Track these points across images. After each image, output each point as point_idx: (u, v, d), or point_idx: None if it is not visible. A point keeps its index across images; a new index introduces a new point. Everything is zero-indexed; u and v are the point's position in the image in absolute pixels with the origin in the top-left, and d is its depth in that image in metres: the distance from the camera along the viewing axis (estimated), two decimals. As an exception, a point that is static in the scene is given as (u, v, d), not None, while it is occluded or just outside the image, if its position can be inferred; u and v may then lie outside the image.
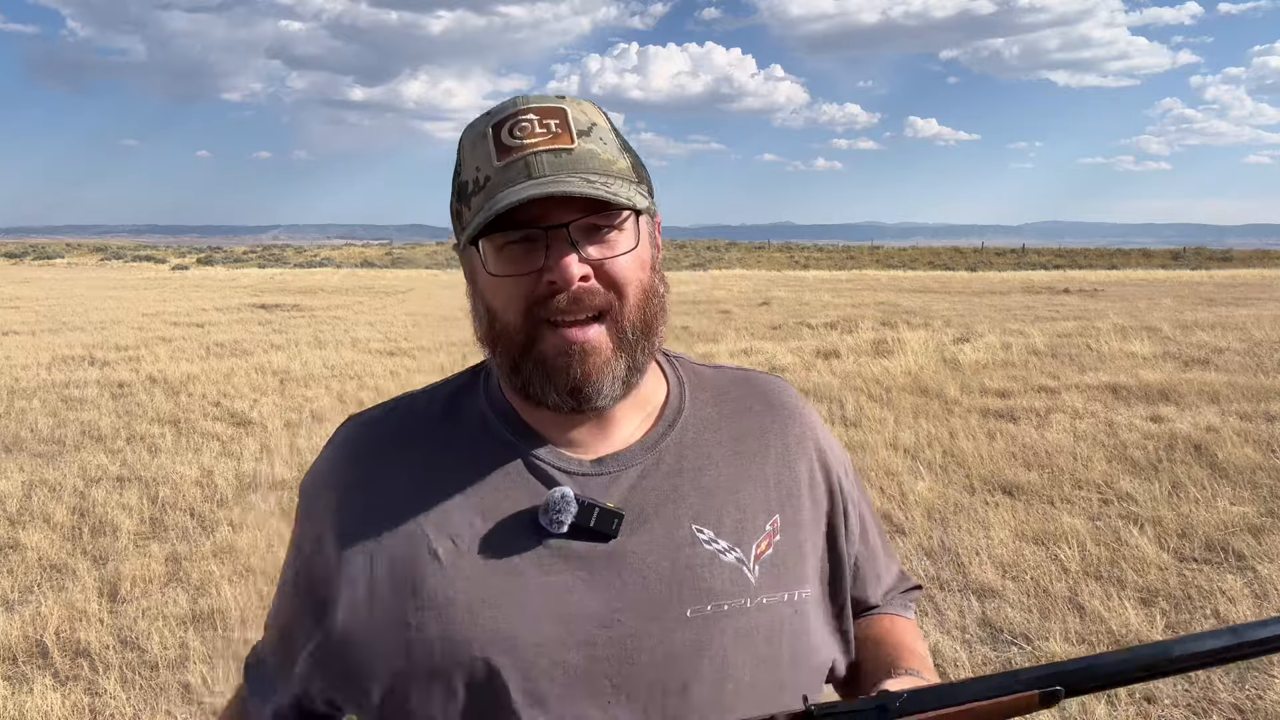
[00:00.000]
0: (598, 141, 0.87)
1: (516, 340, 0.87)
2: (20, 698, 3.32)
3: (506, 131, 0.86)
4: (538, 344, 0.86)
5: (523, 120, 0.86)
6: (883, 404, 8.05)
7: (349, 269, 43.61)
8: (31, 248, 68.06)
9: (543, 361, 0.86)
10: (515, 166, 0.84)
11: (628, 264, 0.87)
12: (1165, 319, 14.68)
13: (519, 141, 0.85)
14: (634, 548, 0.88)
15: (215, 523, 5.12)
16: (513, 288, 0.86)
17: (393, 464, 0.93)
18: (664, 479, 0.92)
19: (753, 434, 0.98)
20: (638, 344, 0.89)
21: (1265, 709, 3.13)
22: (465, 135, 0.90)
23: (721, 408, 0.99)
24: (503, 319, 0.87)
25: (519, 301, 0.86)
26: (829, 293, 23.77)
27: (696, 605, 0.87)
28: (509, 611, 0.85)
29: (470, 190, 0.86)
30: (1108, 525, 4.91)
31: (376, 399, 8.56)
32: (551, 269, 0.84)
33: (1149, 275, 34.60)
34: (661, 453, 0.93)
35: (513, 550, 0.87)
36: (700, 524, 0.90)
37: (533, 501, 0.88)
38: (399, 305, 20.64)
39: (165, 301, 21.23)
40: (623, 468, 0.91)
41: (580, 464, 0.91)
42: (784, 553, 0.93)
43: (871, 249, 65.68)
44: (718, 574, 0.89)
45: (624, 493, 0.90)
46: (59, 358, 11.15)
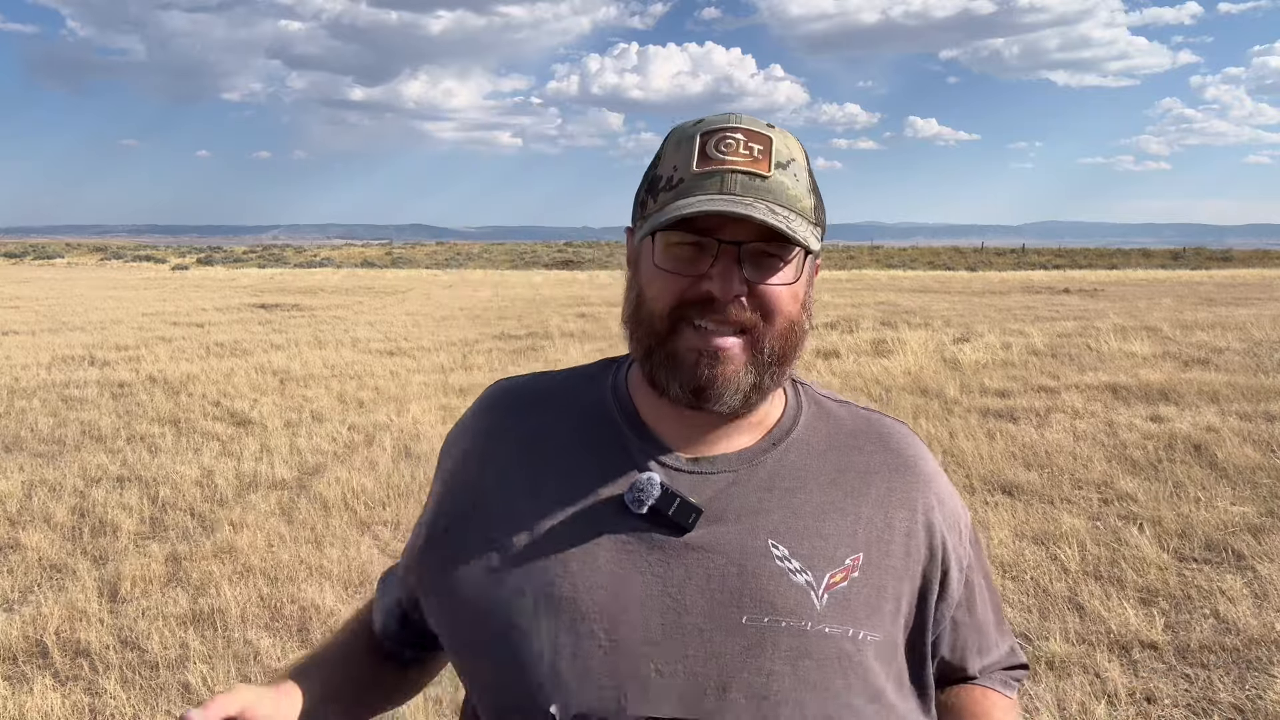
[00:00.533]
0: (791, 177, 0.91)
1: (656, 329, 0.92)
2: (20, 698, 3.32)
3: (713, 144, 0.91)
4: (674, 339, 0.91)
5: (729, 137, 0.91)
6: (883, 404, 8.05)
7: (349, 269, 43.59)
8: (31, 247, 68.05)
9: (674, 355, 0.91)
10: (712, 178, 0.89)
11: (782, 295, 0.92)
12: (1165, 319, 14.68)
13: (721, 156, 0.90)
14: (707, 545, 0.91)
15: (215, 523, 5.11)
16: (671, 283, 0.91)
17: (517, 424, 1.02)
18: (753, 491, 0.95)
19: (856, 471, 0.99)
20: (769, 369, 0.93)
21: (1265, 709, 3.13)
22: (672, 133, 0.96)
23: (833, 439, 1.01)
24: (651, 306, 0.93)
25: (671, 296, 0.91)
26: (829, 293, 23.76)
27: (754, 614, 0.89)
28: (577, 576, 0.91)
29: (662, 185, 0.92)
30: (1107, 525, 4.91)
31: (376, 399, 8.58)
32: (713, 278, 0.89)
33: (1149, 275, 34.59)
34: (757, 467, 0.96)
35: (594, 522, 0.93)
36: (776, 540, 0.92)
37: (625, 483, 0.94)
38: (399, 305, 20.63)
39: (165, 301, 21.23)
40: (716, 471, 0.95)
41: (677, 459, 0.96)
42: (860, 590, 0.93)
43: (871, 249, 65.65)
44: (783, 591, 0.90)
45: (711, 494, 0.94)
46: (59, 357, 11.15)
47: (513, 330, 14.71)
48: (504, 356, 11.51)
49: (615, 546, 0.92)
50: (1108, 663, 3.45)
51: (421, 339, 13.53)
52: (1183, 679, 3.38)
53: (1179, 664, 3.49)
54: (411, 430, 7.21)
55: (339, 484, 5.70)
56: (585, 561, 0.91)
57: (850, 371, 9.63)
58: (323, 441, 6.91)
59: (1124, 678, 3.36)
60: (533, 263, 48.90)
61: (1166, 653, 3.56)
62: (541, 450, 0.99)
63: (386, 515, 5.25)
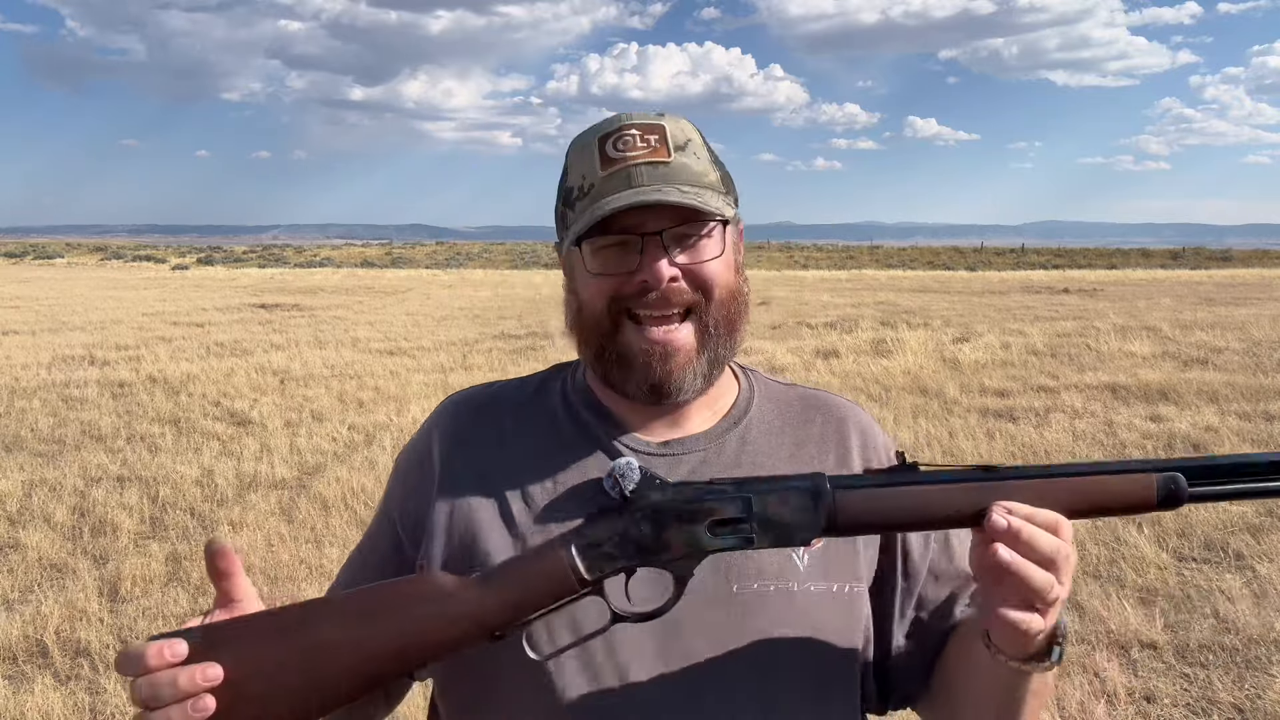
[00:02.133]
0: (692, 156, 0.96)
1: (601, 329, 0.95)
2: (20, 697, 3.32)
3: (611, 144, 0.95)
4: (619, 335, 0.95)
5: (626, 135, 0.95)
6: (882, 404, 8.06)
7: (349, 269, 43.59)
8: (31, 247, 68.04)
9: (624, 355, 0.95)
10: (618, 176, 0.93)
11: (715, 268, 0.95)
12: (1164, 319, 14.68)
13: (622, 154, 0.94)
14: None
15: (215, 522, 5.12)
16: (604, 284, 0.95)
17: (483, 428, 1.03)
18: (724, 467, 0.99)
19: (813, 441, 1.04)
20: (720, 340, 0.97)
21: (1265, 708, 3.13)
22: (572, 145, 0.99)
23: (785, 417, 1.05)
24: (589, 310, 0.96)
25: (606, 295, 0.94)
26: (828, 292, 23.77)
27: (743, 583, 0.92)
28: None
29: (575, 195, 0.96)
30: (1107, 525, 4.91)
31: (376, 399, 8.58)
32: (644, 269, 0.92)
33: (1148, 275, 34.60)
34: (724, 444, 1.01)
35: (576, 511, 0.94)
36: None
37: (600, 471, 0.95)
38: (399, 305, 20.63)
39: (165, 301, 21.23)
40: (687, 451, 0.99)
41: (647, 445, 0.99)
42: (835, 547, 0.96)
43: (871, 249, 65.67)
44: (767, 556, 0.93)
45: (685, 474, 0.97)
46: (59, 357, 11.15)
47: (513, 330, 14.71)
48: (504, 356, 11.50)
49: None
50: (1107, 662, 3.46)
51: (421, 339, 13.53)
52: (1182, 678, 3.38)
53: (1178, 663, 3.49)
54: (411, 430, 7.20)
55: (339, 484, 5.70)
56: None
57: (850, 371, 9.63)
58: (323, 441, 6.91)
59: (1124, 677, 3.36)
60: (533, 263, 48.91)
61: (1166, 652, 3.56)
62: (514, 453, 1.00)
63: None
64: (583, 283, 0.97)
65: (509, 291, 25.53)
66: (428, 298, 23.08)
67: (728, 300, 0.97)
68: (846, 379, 9.23)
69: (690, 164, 0.95)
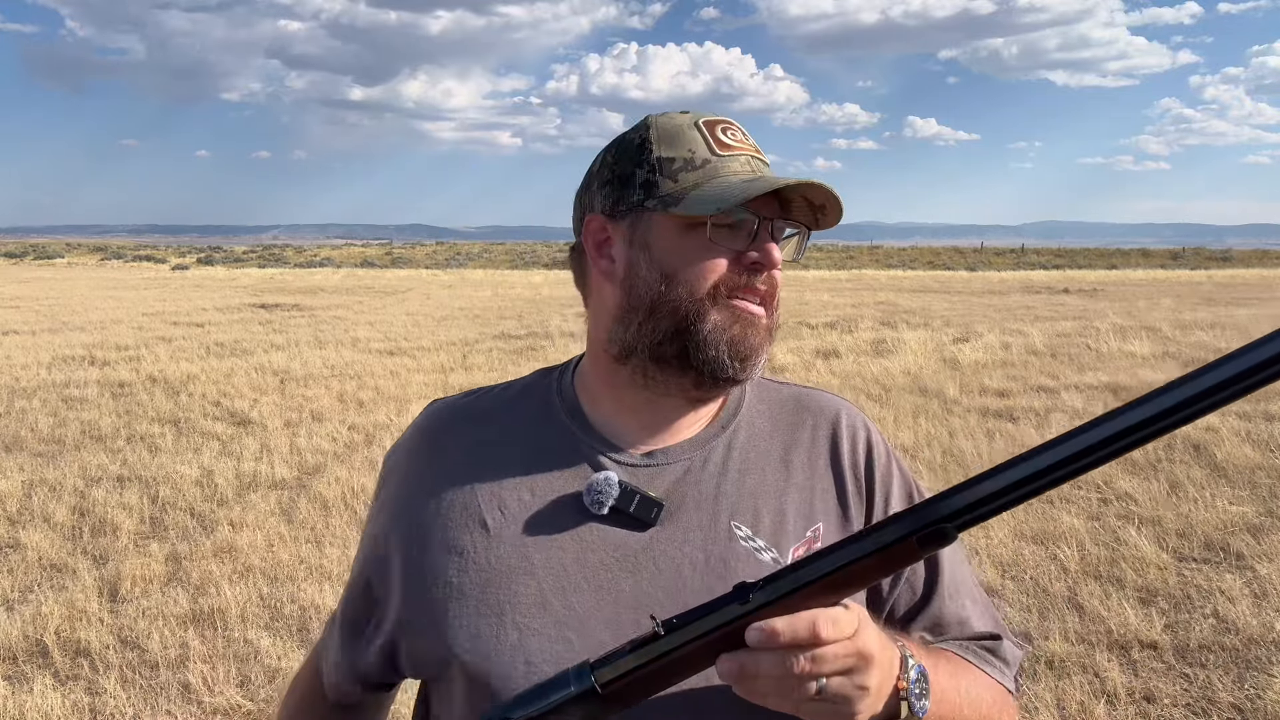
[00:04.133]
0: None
1: (689, 309, 0.91)
2: (20, 697, 3.32)
3: (720, 130, 0.94)
4: (713, 312, 0.91)
5: (729, 126, 0.95)
6: (882, 404, 8.06)
7: (349, 269, 43.57)
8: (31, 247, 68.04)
9: (715, 327, 0.91)
10: (739, 159, 0.92)
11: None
12: (1164, 319, 14.68)
13: (735, 141, 0.94)
14: (671, 536, 0.91)
15: (215, 522, 5.12)
16: (711, 261, 0.91)
17: (464, 437, 1.00)
18: (709, 476, 0.96)
19: (803, 447, 1.00)
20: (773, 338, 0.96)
21: (1265, 708, 3.13)
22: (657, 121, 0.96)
23: (776, 420, 1.02)
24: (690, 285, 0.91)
25: (711, 275, 0.91)
26: (829, 292, 23.77)
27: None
28: (544, 582, 0.90)
29: (679, 167, 0.92)
30: (1107, 525, 4.91)
31: (376, 399, 8.58)
32: (760, 252, 0.91)
33: (1148, 275, 34.60)
34: (710, 451, 0.97)
35: (555, 526, 0.92)
36: (739, 520, 0.93)
37: (581, 484, 0.93)
38: (399, 305, 20.63)
39: (165, 301, 21.22)
40: (670, 461, 0.96)
41: (631, 455, 0.96)
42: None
43: (871, 249, 65.66)
44: (751, 571, 0.89)
45: (668, 485, 0.94)
46: (59, 357, 11.15)
47: (513, 330, 14.71)
48: (504, 356, 11.50)
49: (580, 549, 0.91)
50: (1107, 662, 3.46)
51: (421, 339, 13.53)
52: (1182, 678, 3.38)
53: (1178, 664, 3.49)
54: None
55: (339, 484, 5.70)
56: (550, 568, 0.90)
57: (850, 371, 9.63)
58: (323, 441, 6.91)
59: (1123, 677, 3.36)
60: (533, 263, 48.89)
61: (1166, 652, 3.56)
62: (493, 462, 0.97)
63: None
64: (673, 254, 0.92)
65: (509, 291, 25.52)
66: (428, 298, 23.07)
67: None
68: (846, 379, 9.22)
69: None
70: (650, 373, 0.95)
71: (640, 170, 0.93)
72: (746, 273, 0.92)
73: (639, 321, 0.93)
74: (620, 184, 0.94)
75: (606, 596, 0.89)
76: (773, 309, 0.95)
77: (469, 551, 0.93)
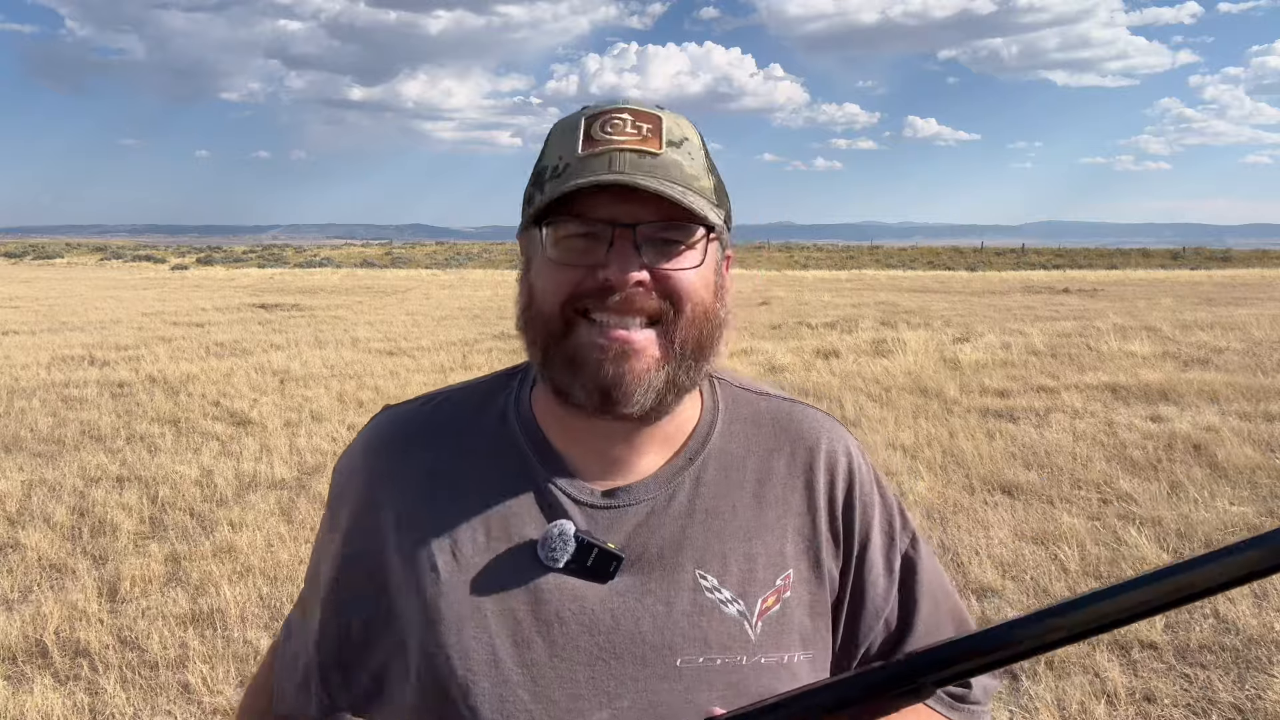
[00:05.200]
0: (685, 155, 0.85)
1: (551, 329, 0.85)
2: (20, 698, 3.32)
3: (598, 126, 0.85)
4: (571, 336, 0.84)
5: (615, 118, 0.85)
6: (882, 404, 8.06)
7: (349, 269, 43.56)
8: (31, 247, 68.02)
9: (575, 355, 0.84)
10: (598, 159, 0.82)
11: (689, 279, 0.84)
12: (1165, 319, 14.68)
13: (607, 137, 0.83)
14: (630, 588, 0.85)
15: (215, 523, 5.11)
16: (562, 276, 0.84)
17: (415, 464, 0.92)
18: (673, 519, 0.88)
19: (779, 478, 0.92)
20: (684, 362, 0.85)
21: (1265, 709, 3.13)
22: (556, 126, 0.89)
23: (751, 444, 0.94)
24: (541, 305, 0.86)
25: (564, 290, 0.84)
26: (829, 292, 23.77)
27: (688, 655, 0.84)
28: (495, 636, 0.84)
29: (547, 176, 0.85)
30: (1107, 525, 4.91)
31: (376, 399, 8.58)
32: (609, 265, 0.82)
33: (1148, 275, 34.59)
34: (675, 489, 0.90)
35: (508, 576, 0.86)
36: (704, 570, 0.87)
37: (537, 529, 0.87)
38: (399, 305, 20.63)
39: (165, 301, 21.22)
40: (633, 502, 0.89)
41: (591, 494, 0.89)
42: (793, 611, 0.88)
43: (871, 249, 65.69)
44: (716, 626, 0.85)
45: (629, 530, 0.87)
46: (59, 357, 11.15)
47: (513, 330, 14.55)
48: (504, 356, 11.50)
49: (534, 602, 0.85)
50: (1107, 662, 3.45)
51: (421, 339, 13.53)
52: (1182, 679, 3.38)
53: (1179, 664, 3.49)
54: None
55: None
56: (503, 622, 0.85)
57: (850, 371, 9.63)
58: (322, 441, 6.91)
59: (1124, 677, 3.36)
60: (532, 263, 48.79)
61: (1166, 652, 3.56)
62: (445, 494, 0.90)
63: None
64: (538, 271, 0.86)
65: (509, 291, 25.29)
66: (428, 298, 23.07)
67: (699, 320, 0.85)
68: (846, 379, 9.22)
69: (682, 162, 0.84)
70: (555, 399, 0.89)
71: (529, 184, 0.89)
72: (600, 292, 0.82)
73: (527, 339, 0.89)
74: (525, 203, 0.90)
75: (561, 652, 0.84)
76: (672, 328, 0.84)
77: (421, 595, 0.86)
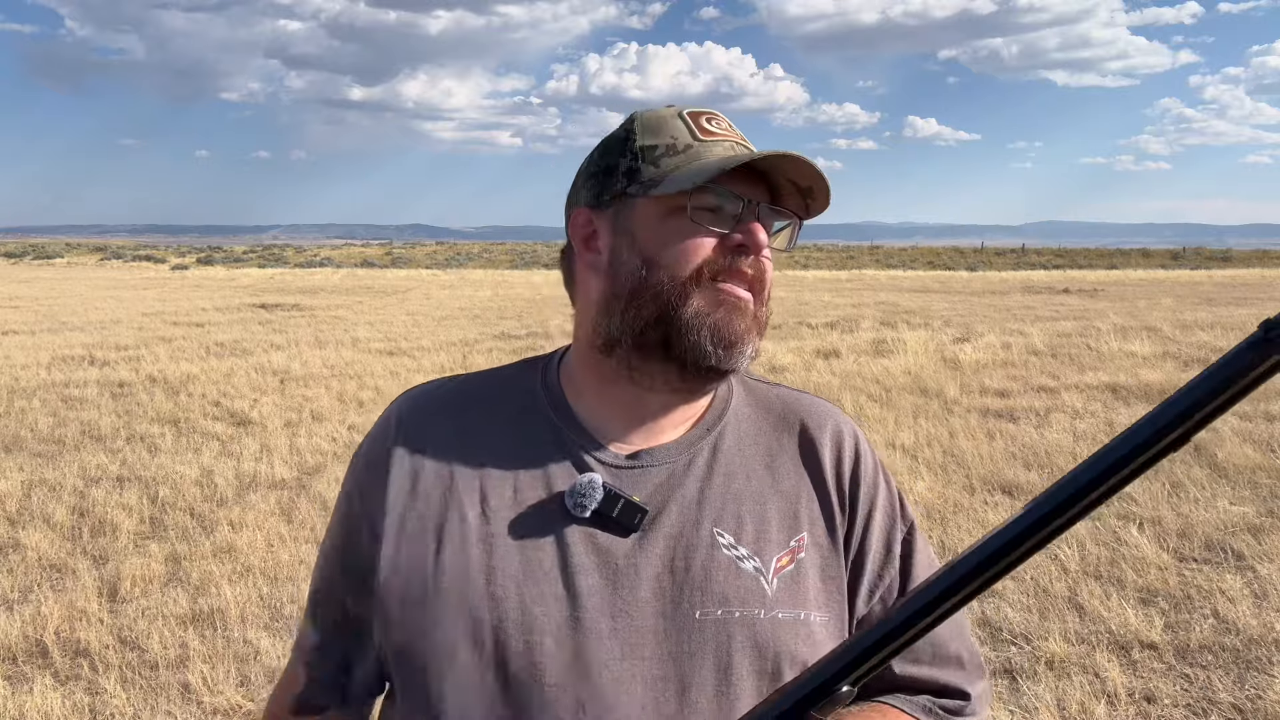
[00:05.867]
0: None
1: (670, 293, 0.89)
2: (20, 698, 3.32)
3: (704, 120, 0.93)
4: (697, 297, 0.89)
5: (713, 116, 0.94)
6: (882, 404, 8.05)
7: (349, 269, 43.57)
8: (31, 247, 68.02)
9: (699, 315, 0.89)
10: (723, 144, 0.90)
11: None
12: (1165, 319, 14.68)
13: (719, 129, 0.92)
14: (653, 543, 0.90)
15: (215, 523, 5.11)
16: (692, 243, 0.89)
17: (441, 428, 0.97)
18: (693, 481, 0.93)
19: (789, 452, 0.98)
20: (762, 332, 0.93)
21: (1265, 709, 3.13)
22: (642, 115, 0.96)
23: (763, 423, 1.00)
24: (671, 270, 0.89)
25: (693, 258, 0.89)
26: (829, 292, 23.77)
27: (707, 608, 0.88)
28: (522, 584, 0.88)
29: (661, 153, 0.91)
30: (1107, 525, 4.91)
31: (376, 399, 8.58)
32: (746, 233, 0.89)
33: (1149, 275, 34.60)
34: (695, 454, 0.95)
35: (536, 527, 0.90)
36: (721, 528, 0.91)
37: (565, 484, 0.91)
38: (399, 305, 20.63)
39: (165, 301, 21.23)
40: (655, 464, 0.94)
41: (615, 456, 0.94)
42: (807, 571, 0.92)
43: (871, 249, 65.68)
44: (733, 580, 0.89)
45: (651, 489, 0.92)
46: (59, 357, 11.15)
47: (513, 330, 14.71)
48: (504, 356, 11.50)
49: (560, 551, 0.89)
50: (1107, 663, 3.45)
51: (421, 339, 13.53)
52: (1182, 679, 3.38)
53: (1179, 664, 3.49)
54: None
55: (339, 484, 5.69)
56: (530, 570, 0.88)
57: (850, 371, 9.63)
58: (323, 441, 6.91)
59: (1124, 678, 3.36)
60: (533, 263, 48.89)
61: (1166, 653, 3.56)
62: (474, 454, 0.94)
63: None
64: (664, 238, 0.90)
65: (509, 291, 25.52)
66: (428, 298, 23.07)
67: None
68: (847, 379, 9.22)
69: None
70: (635, 364, 0.93)
71: (624, 160, 0.93)
72: (731, 256, 0.89)
73: (622, 310, 0.91)
74: (605, 175, 0.94)
75: (585, 601, 0.87)
76: (762, 299, 0.93)
77: (447, 547, 0.90)
